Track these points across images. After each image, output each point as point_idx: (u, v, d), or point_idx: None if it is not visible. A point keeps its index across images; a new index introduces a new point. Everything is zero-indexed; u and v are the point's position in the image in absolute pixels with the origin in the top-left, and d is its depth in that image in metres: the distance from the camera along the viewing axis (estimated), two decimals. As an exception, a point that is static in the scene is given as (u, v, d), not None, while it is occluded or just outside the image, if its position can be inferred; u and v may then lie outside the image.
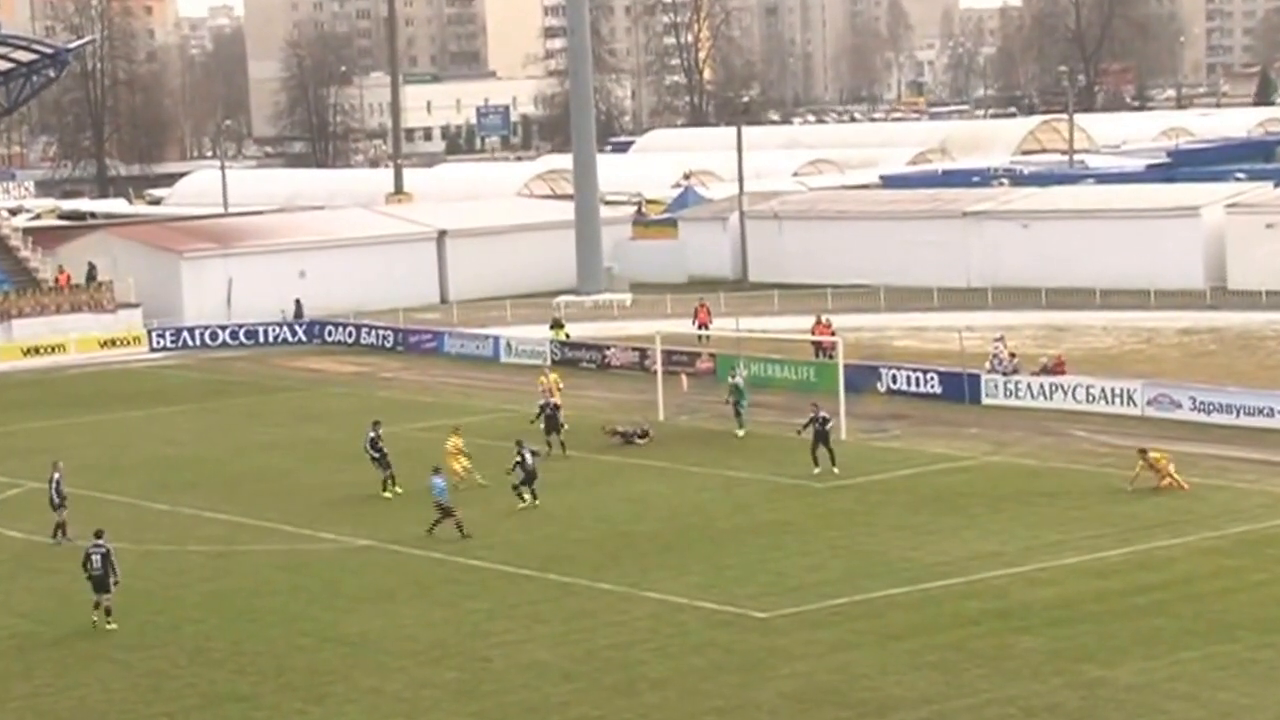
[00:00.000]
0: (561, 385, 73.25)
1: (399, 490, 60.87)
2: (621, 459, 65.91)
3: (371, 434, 62.57)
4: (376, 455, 61.84)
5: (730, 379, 72.17)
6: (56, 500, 57.61)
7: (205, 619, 47.83)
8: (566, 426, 67.01)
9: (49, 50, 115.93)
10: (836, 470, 60.83)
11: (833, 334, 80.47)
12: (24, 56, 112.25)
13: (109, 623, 47.07)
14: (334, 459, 64.38)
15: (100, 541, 47.96)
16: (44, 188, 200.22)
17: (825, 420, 61.88)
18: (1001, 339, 79.65)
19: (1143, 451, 58.21)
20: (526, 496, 57.13)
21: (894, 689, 39.54)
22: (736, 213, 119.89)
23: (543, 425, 66.59)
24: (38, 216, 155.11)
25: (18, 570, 48.97)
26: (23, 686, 42.59)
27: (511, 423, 70.39)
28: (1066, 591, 46.66)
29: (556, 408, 67.49)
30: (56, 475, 58.62)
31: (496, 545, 52.74)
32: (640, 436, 69.45)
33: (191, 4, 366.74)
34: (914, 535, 53.23)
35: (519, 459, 56.90)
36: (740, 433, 69.38)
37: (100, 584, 47.08)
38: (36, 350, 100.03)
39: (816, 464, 61.26)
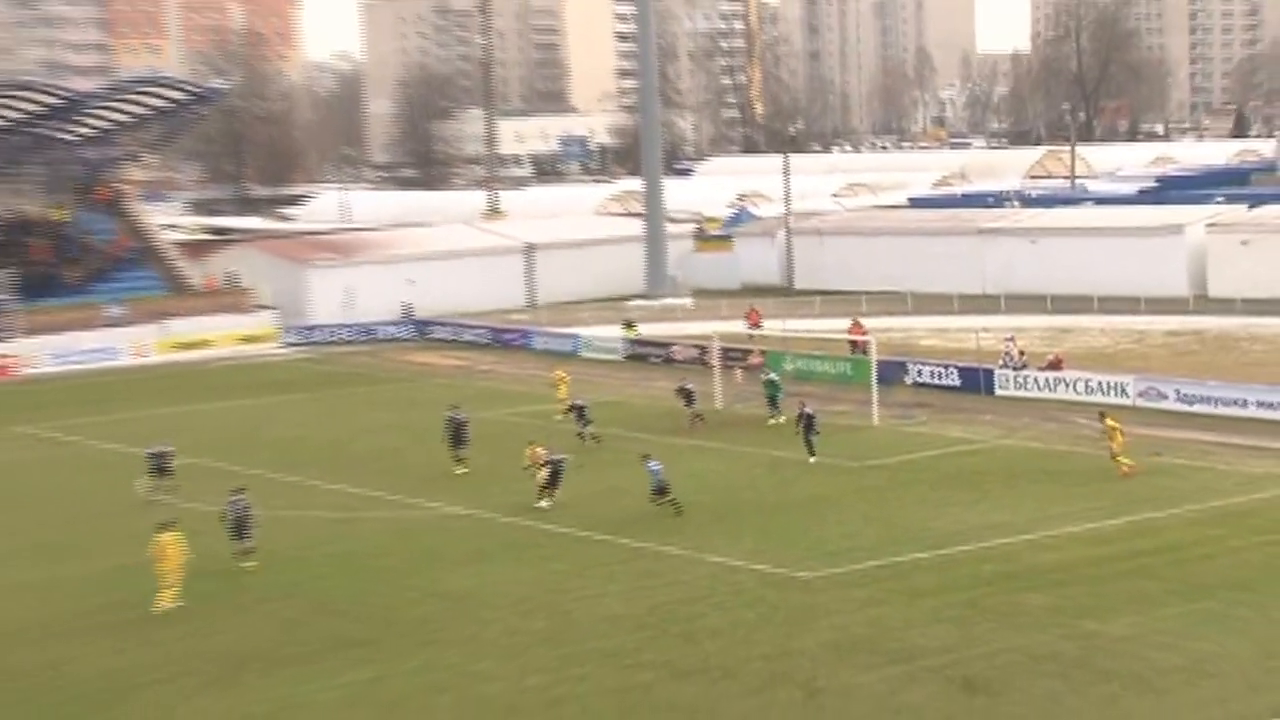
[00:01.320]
0: (567, 379, 73.46)
1: (464, 470, 61.13)
2: (684, 441, 65.92)
3: (449, 414, 63.00)
4: (455, 436, 62.20)
5: (763, 375, 72.25)
6: (158, 475, 59.64)
7: (329, 576, 48.23)
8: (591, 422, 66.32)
9: (199, 91, 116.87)
10: (814, 460, 60.47)
11: (865, 333, 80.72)
12: (178, 96, 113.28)
13: (251, 562, 48.10)
14: (437, 440, 64.51)
15: (240, 497, 49.35)
16: (193, 207, 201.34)
17: (810, 416, 61.64)
18: (1012, 339, 79.59)
19: (1102, 415, 58.57)
20: (553, 495, 54.73)
21: (918, 640, 39.61)
22: (784, 229, 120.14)
23: (576, 420, 66.14)
24: (189, 232, 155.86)
25: (133, 537, 49.25)
26: (178, 630, 43.06)
27: (593, 408, 70.46)
28: (1067, 556, 46.62)
29: (583, 408, 66.72)
30: (164, 450, 60.50)
31: (577, 514, 52.90)
32: (689, 403, 69.67)
33: (317, 49, 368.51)
34: (936, 508, 53.25)
35: (553, 461, 55.39)
36: (771, 421, 68.70)
37: (239, 529, 48.54)
38: (187, 345, 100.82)
39: (812, 453, 60.90)
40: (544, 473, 54.72)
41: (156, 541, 45.14)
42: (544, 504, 54.07)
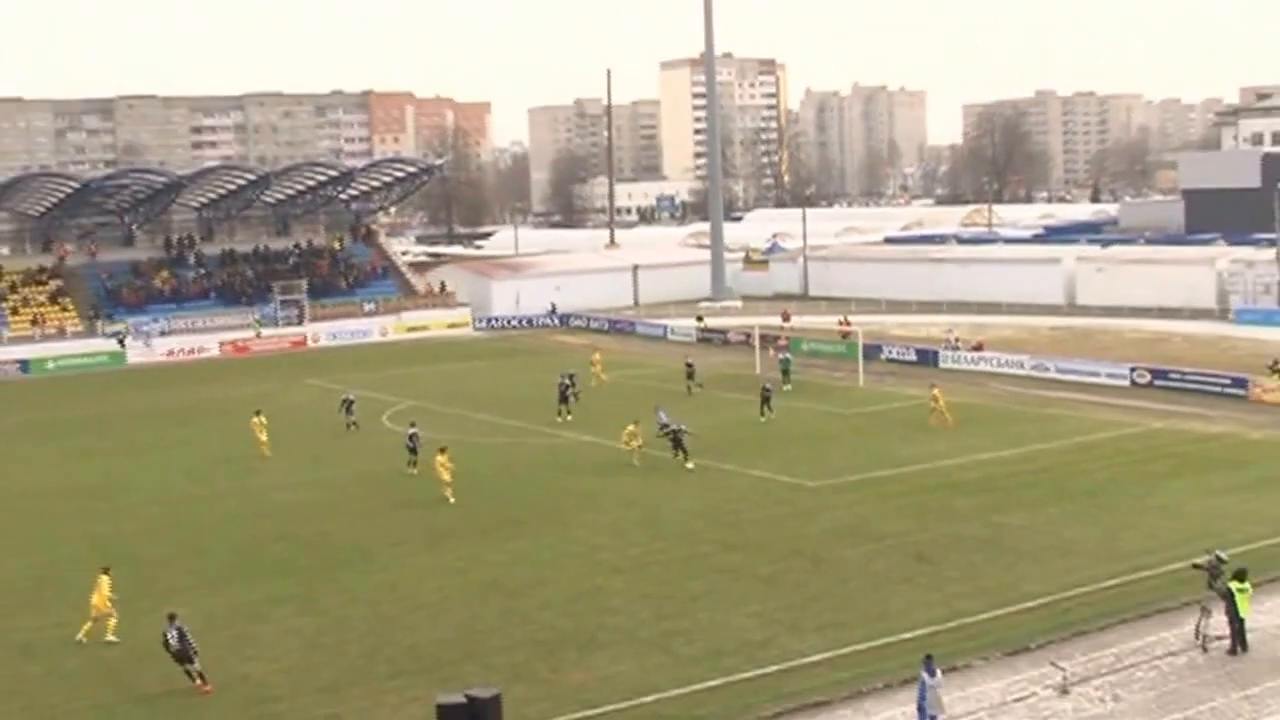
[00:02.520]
0: (599, 359, 71.13)
1: (568, 419, 59.01)
2: (732, 395, 65.51)
3: (562, 380, 61.55)
4: (562, 394, 60.65)
5: (779, 356, 71.04)
6: (347, 414, 59.10)
7: (499, 481, 48.16)
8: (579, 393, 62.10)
9: (425, 166, 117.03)
10: (772, 416, 57.74)
11: (851, 326, 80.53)
12: (412, 169, 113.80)
13: (413, 470, 47.63)
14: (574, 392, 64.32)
15: (414, 428, 49.42)
16: (418, 240, 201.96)
17: (769, 390, 59.31)
18: (951, 330, 79.18)
19: (933, 385, 57.39)
20: (681, 457, 48.75)
21: (885, 526, 39.26)
22: (802, 256, 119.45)
23: (558, 398, 61.41)
24: (416, 256, 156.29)
25: (393, 453, 49.51)
26: (402, 514, 43.21)
27: (673, 374, 70.10)
28: (984, 474, 46.09)
29: (573, 376, 62.01)
30: (351, 396, 60.29)
31: (663, 445, 52.31)
32: (691, 375, 67.36)
33: (500, 138, 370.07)
34: (900, 441, 52.71)
35: (670, 430, 49.80)
36: (785, 387, 65.87)
37: (413, 450, 48.41)
38: (413, 329, 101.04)
39: (762, 414, 57.83)
40: (637, 442, 49.45)
41: (436, 459, 44.91)
42: (690, 465, 48.05)
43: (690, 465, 47.72)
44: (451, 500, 43.85)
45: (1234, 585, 28.69)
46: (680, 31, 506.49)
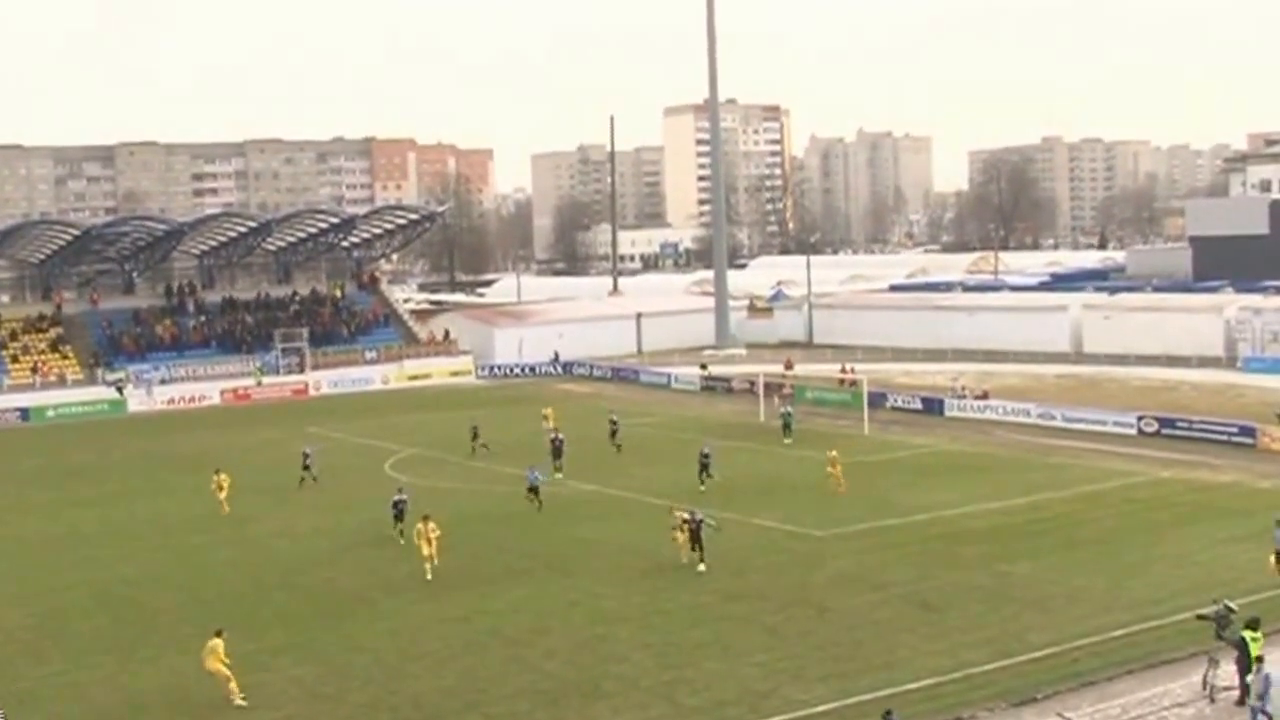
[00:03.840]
0: (551, 413, 69.42)
1: (559, 475, 57.30)
2: (733, 444, 65.68)
3: (552, 435, 61.10)
4: (556, 449, 59.42)
5: (782, 409, 70.31)
6: (305, 466, 58.27)
7: (503, 528, 48.31)
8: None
9: (426, 213, 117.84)
10: (713, 481, 53.87)
11: (853, 373, 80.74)
12: (413, 216, 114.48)
13: (401, 538, 45.62)
14: (573, 442, 64.39)
15: (402, 495, 47.45)
16: (420, 287, 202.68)
17: (707, 456, 55.11)
18: (957, 379, 79.44)
19: (831, 450, 54.99)
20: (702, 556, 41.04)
21: (890, 575, 39.40)
22: (807, 304, 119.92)
23: (472, 437, 60.52)
24: (418, 304, 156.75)
25: (385, 500, 49.67)
26: (404, 564, 43.22)
27: (678, 422, 70.23)
28: (989, 522, 46.27)
29: (561, 441, 59.84)
30: (308, 450, 59.38)
31: (663, 492, 52.64)
32: (614, 434, 65.12)
33: (503, 184, 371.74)
34: (905, 490, 52.84)
35: (695, 522, 41.59)
36: (786, 441, 65.54)
37: (399, 516, 46.52)
38: (415, 377, 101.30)
39: (701, 483, 53.86)
40: (684, 536, 41.47)
41: (417, 528, 42.29)
42: (701, 567, 40.62)
43: (702, 568, 40.56)
44: (429, 578, 40.67)
45: (1247, 634, 28.76)
46: (684, 78, 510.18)
